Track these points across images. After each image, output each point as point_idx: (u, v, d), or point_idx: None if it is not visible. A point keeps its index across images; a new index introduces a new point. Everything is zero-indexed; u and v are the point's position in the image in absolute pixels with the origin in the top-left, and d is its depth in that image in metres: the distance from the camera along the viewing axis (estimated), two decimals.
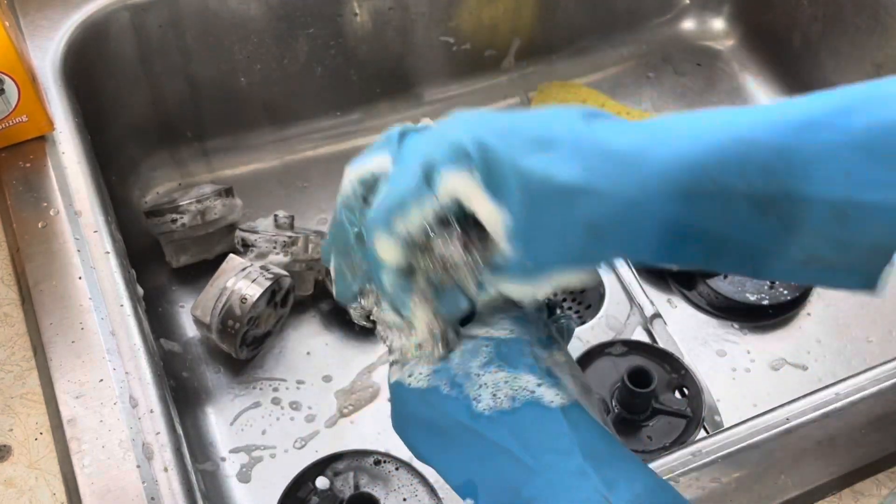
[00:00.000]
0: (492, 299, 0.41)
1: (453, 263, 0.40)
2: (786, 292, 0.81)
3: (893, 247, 0.36)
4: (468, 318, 0.43)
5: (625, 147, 0.37)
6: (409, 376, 0.42)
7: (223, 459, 0.71)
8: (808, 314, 0.82)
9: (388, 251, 0.40)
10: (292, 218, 0.79)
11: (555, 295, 0.83)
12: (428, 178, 0.39)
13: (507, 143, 0.38)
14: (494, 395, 0.39)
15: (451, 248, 0.40)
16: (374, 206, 0.41)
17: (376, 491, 0.66)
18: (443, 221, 0.40)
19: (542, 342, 0.42)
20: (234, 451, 0.72)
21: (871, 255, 0.36)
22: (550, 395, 0.39)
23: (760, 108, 0.39)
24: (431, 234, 0.40)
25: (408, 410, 0.43)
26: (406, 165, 0.41)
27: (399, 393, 0.43)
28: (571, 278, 0.39)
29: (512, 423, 0.39)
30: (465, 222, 0.40)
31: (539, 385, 0.40)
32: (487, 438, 0.39)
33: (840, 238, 0.36)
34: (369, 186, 0.43)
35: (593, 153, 0.37)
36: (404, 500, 0.66)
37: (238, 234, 0.77)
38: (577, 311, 0.83)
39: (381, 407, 0.75)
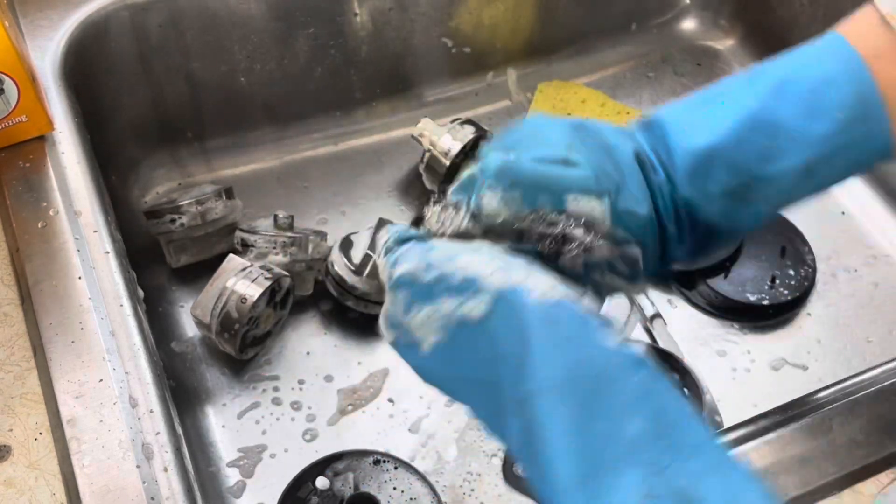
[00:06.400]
0: None
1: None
2: (786, 292, 0.81)
3: None
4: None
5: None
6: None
7: (223, 459, 0.71)
8: (808, 314, 0.82)
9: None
10: (292, 218, 0.79)
11: None
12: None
13: None
14: (434, 329, 0.41)
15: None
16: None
17: (376, 491, 0.66)
18: None
19: None
20: (235, 450, 0.72)
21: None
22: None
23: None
24: None
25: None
26: None
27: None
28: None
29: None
30: None
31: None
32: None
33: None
34: None
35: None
36: (407, 499, 0.66)
37: (238, 234, 0.77)
38: None
39: (382, 406, 0.75)
